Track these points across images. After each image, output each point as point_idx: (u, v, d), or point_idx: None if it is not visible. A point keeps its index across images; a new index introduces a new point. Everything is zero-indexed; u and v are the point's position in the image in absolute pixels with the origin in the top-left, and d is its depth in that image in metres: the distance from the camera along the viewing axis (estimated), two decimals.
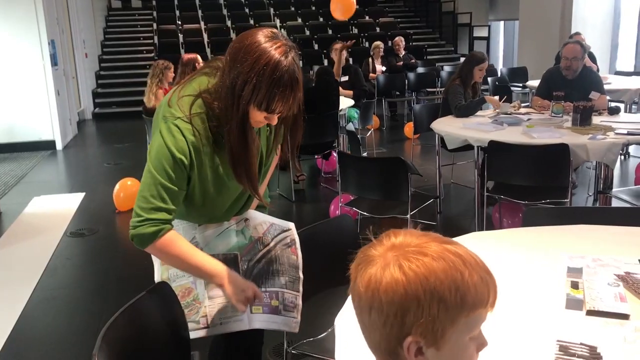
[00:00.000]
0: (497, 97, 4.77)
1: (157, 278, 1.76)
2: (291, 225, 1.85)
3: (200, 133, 1.54)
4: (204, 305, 1.73)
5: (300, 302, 1.80)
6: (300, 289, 1.81)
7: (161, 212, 1.52)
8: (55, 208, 5.21)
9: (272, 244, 1.79)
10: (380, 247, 0.87)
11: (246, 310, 1.72)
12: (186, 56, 5.32)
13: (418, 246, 0.84)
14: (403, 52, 9.33)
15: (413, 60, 9.31)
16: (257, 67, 1.44)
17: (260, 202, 1.80)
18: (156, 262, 1.77)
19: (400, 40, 9.35)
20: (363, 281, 0.84)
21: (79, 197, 5.48)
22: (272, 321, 1.78)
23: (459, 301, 0.81)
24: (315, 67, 9.89)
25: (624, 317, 1.41)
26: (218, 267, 1.62)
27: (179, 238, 1.58)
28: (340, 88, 6.30)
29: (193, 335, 1.71)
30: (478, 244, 1.94)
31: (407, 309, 0.81)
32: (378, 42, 8.96)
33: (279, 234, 1.82)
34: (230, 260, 1.74)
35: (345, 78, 6.41)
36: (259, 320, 1.76)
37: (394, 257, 0.83)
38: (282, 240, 1.82)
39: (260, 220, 1.82)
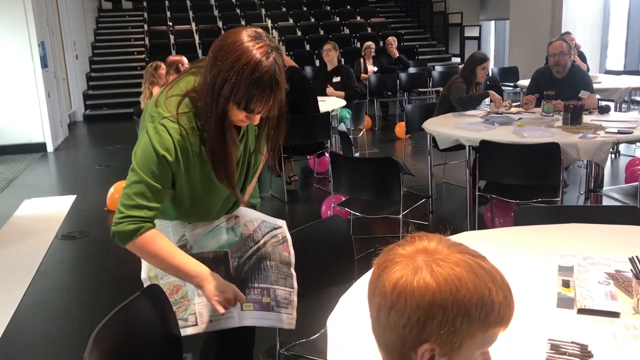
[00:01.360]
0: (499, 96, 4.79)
1: (144, 275, 1.75)
2: (282, 222, 1.85)
3: (188, 132, 1.54)
4: (194, 303, 1.73)
5: (295, 298, 1.80)
6: (295, 285, 1.80)
7: (142, 209, 1.52)
8: (46, 211, 5.19)
9: (262, 241, 1.79)
10: (409, 247, 0.86)
11: (234, 308, 1.71)
12: (171, 58, 5.36)
13: (450, 255, 0.84)
14: (397, 54, 9.32)
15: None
16: (237, 66, 1.44)
17: (243, 201, 1.80)
18: None
19: (392, 40, 9.35)
20: (390, 280, 0.83)
21: (70, 199, 5.45)
22: (264, 318, 1.77)
23: (482, 318, 0.81)
24: (307, 68, 9.94)
25: (615, 315, 1.42)
26: (198, 268, 1.60)
27: (159, 237, 1.57)
28: (332, 88, 6.30)
29: (182, 333, 1.70)
30: (469, 243, 1.94)
31: (431, 316, 0.80)
32: (369, 43, 8.96)
33: (269, 231, 1.82)
34: (220, 257, 1.73)
35: (337, 79, 6.41)
36: (249, 317, 1.76)
37: (425, 261, 0.83)
38: (273, 237, 1.82)
39: (251, 218, 1.82)
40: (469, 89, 4.76)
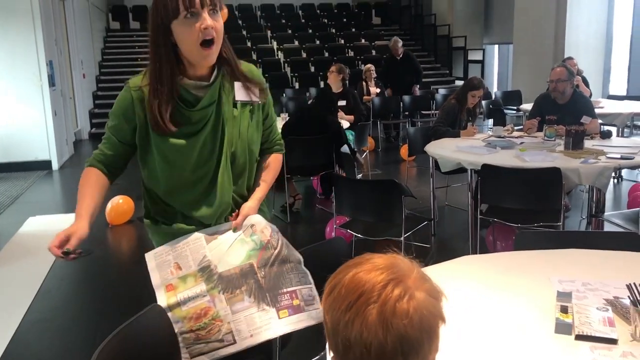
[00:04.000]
0: (470, 128, 4.91)
1: (164, 304, 1.73)
2: (275, 227, 1.90)
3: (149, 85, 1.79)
4: (228, 322, 1.71)
5: (316, 292, 1.81)
6: (311, 280, 1.82)
7: (96, 151, 1.88)
8: (50, 228, 5.20)
9: (279, 245, 1.83)
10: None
11: (271, 319, 1.73)
12: None
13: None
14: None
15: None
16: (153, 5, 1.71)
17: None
18: (160, 289, 1.75)
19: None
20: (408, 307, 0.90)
21: (74, 217, 5.46)
22: (299, 320, 1.77)
23: None
24: (312, 90, 10.00)
25: (612, 341, 1.43)
26: (80, 211, 1.85)
27: (92, 176, 1.88)
28: (343, 112, 6.37)
29: (219, 354, 1.70)
30: (469, 267, 1.96)
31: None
32: (369, 65, 8.99)
33: (277, 234, 1.86)
34: (247, 271, 1.75)
35: (342, 102, 6.48)
36: (287, 323, 1.76)
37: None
38: (282, 239, 1.86)
39: (264, 224, 1.85)
40: (461, 111, 4.93)
